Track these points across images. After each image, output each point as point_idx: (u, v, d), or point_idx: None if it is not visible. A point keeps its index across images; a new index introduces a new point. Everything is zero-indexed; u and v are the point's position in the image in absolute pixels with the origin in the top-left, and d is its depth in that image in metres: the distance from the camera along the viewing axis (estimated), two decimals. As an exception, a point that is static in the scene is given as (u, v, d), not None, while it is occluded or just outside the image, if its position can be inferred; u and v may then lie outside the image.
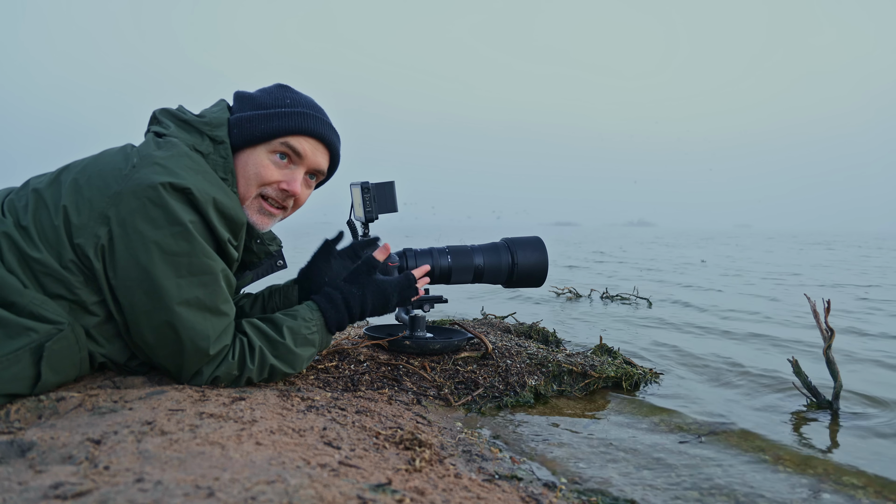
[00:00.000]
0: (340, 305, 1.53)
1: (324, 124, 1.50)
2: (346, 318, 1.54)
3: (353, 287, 1.56)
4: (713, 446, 1.50)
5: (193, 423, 1.03)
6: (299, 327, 1.46)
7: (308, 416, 1.23)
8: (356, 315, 1.56)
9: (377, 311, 1.59)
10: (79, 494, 0.71)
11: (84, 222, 1.23)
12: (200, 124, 1.42)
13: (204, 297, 1.30)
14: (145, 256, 1.24)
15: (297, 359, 1.47)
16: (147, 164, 1.27)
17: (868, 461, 1.41)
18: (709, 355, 2.68)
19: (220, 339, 1.34)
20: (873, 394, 2.02)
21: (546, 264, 1.90)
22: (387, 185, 1.83)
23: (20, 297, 1.21)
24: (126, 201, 1.23)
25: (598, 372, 1.98)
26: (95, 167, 1.30)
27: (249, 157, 1.45)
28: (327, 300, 1.53)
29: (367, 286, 1.57)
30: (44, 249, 1.23)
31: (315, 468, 0.88)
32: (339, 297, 1.54)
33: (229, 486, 0.73)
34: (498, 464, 1.25)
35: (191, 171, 1.30)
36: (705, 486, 1.25)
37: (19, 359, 1.19)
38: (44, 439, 0.94)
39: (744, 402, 1.94)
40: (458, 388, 1.78)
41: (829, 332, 1.84)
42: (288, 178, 1.47)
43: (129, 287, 1.26)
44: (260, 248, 1.56)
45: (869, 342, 3.13)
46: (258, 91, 1.52)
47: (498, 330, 2.70)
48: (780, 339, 3.14)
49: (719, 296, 5.37)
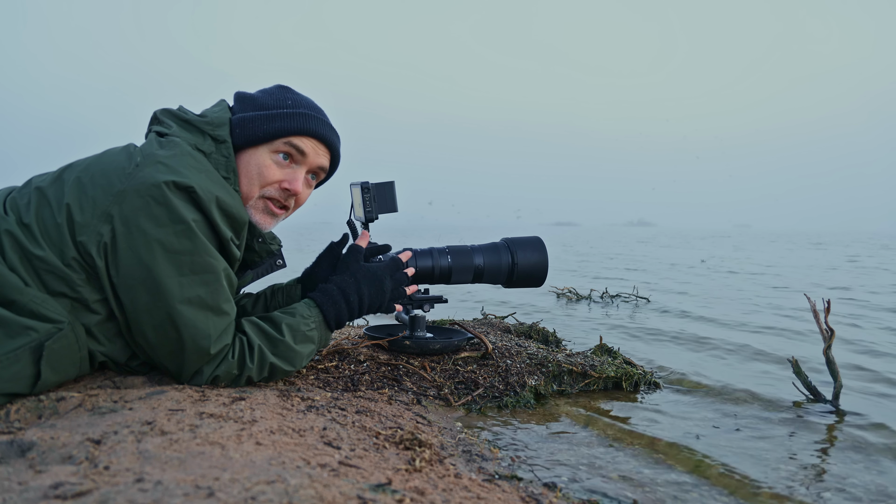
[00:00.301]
0: (337, 297, 1.53)
1: (324, 125, 1.52)
2: (344, 311, 1.54)
3: (345, 276, 1.57)
4: (712, 447, 1.50)
5: (193, 423, 1.04)
6: (298, 324, 1.47)
7: (308, 416, 1.23)
8: (354, 305, 1.56)
9: (374, 299, 1.59)
10: (79, 494, 0.71)
11: (87, 220, 1.24)
12: (202, 124, 1.43)
13: (206, 295, 1.30)
14: (148, 254, 1.24)
15: (296, 356, 1.47)
16: (151, 163, 1.28)
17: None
18: (707, 355, 2.68)
19: (221, 339, 1.34)
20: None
21: (546, 264, 1.90)
22: (387, 185, 1.83)
23: (20, 295, 1.21)
24: (129, 199, 1.24)
25: (598, 372, 1.98)
26: (99, 166, 1.31)
27: (252, 157, 1.46)
28: (324, 295, 1.54)
29: (357, 272, 1.58)
30: (46, 247, 1.24)
31: (315, 468, 0.88)
32: (335, 290, 1.54)
33: (229, 486, 0.73)
34: (498, 464, 1.25)
35: (194, 170, 1.31)
36: (705, 487, 1.25)
37: (19, 358, 1.19)
38: (44, 439, 0.94)
39: (743, 403, 1.94)
40: (458, 388, 1.78)
41: (829, 331, 1.84)
42: (290, 178, 1.49)
43: (131, 285, 1.26)
44: (262, 246, 1.56)
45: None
46: (259, 92, 1.54)
47: (498, 330, 2.70)
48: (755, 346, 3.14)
49: (707, 297, 5.38)
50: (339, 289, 1.55)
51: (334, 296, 1.54)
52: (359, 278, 1.58)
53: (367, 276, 1.59)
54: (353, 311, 1.57)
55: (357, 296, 1.56)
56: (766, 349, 2.84)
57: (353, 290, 1.55)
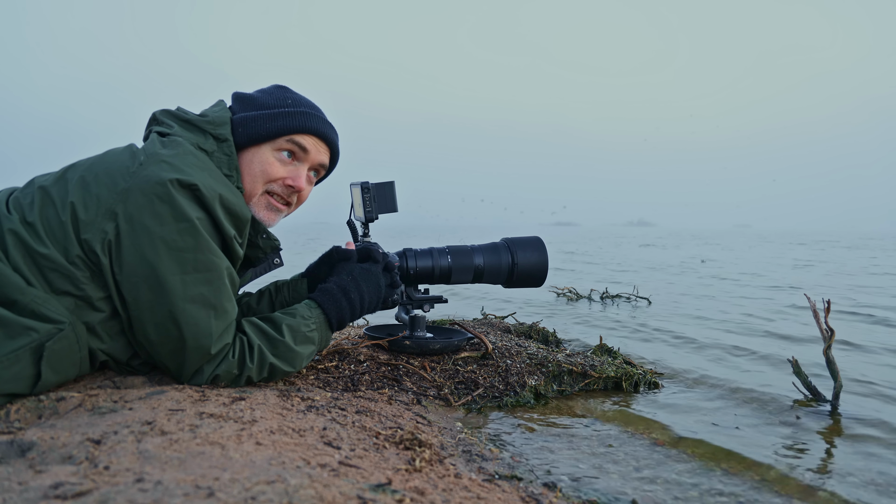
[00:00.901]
0: (339, 297, 1.55)
1: (324, 122, 1.55)
2: (346, 310, 1.55)
3: (343, 276, 1.60)
4: (712, 446, 1.50)
5: (193, 423, 1.04)
6: (298, 325, 1.47)
7: (308, 416, 1.23)
8: (356, 304, 1.57)
9: (373, 296, 1.61)
10: (79, 494, 0.71)
11: (92, 218, 1.25)
12: (203, 123, 1.44)
13: (208, 294, 1.31)
14: (151, 252, 1.25)
15: (296, 357, 1.47)
16: (154, 162, 1.29)
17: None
18: (705, 355, 2.68)
19: (222, 338, 1.34)
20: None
21: (546, 264, 1.90)
22: (387, 185, 1.83)
23: (22, 295, 1.21)
24: (133, 197, 1.25)
25: (598, 372, 1.98)
26: (103, 165, 1.32)
27: (255, 156, 1.49)
28: (324, 295, 1.55)
29: (354, 271, 1.61)
30: (50, 245, 1.24)
31: (315, 468, 0.88)
32: (335, 289, 1.56)
33: (229, 486, 0.73)
34: (498, 464, 1.25)
35: (197, 169, 1.32)
36: (705, 487, 1.25)
37: (19, 358, 1.19)
38: (44, 439, 0.94)
39: (743, 403, 1.94)
40: (458, 388, 1.78)
41: (829, 331, 1.84)
42: (293, 175, 1.52)
43: (135, 282, 1.27)
44: (266, 242, 1.57)
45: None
46: (257, 92, 1.56)
47: (498, 330, 2.70)
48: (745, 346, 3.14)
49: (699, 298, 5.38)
50: (340, 288, 1.56)
51: (335, 295, 1.55)
52: (356, 277, 1.59)
53: (362, 273, 1.61)
54: (355, 310, 1.58)
55: (358, 293, 1.57)
56: (767, 349, 2.84)
57: (353, 289, 1.57)
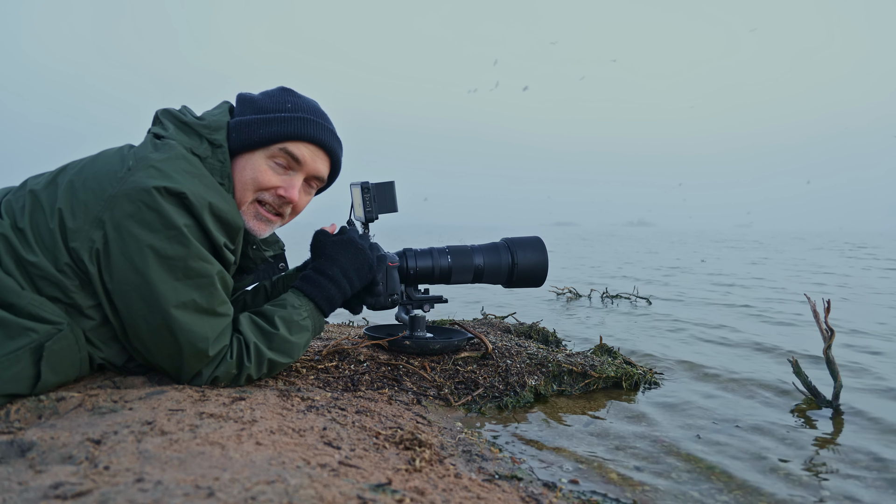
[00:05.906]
0: (318, 279, 1.54)
1: (324, 130, 1.48)
2: (331, 289, 1.54)
3: (320, 258, 1.58)
4: (712, 446, 1.50)
5: (193, 423, 1.04)
6: (291, 315, 1.47)
7: (308, 416, 1.23)
8: (340, 280, 1.55)
9: (358, 264, 1.59)
10: (79, 494, 0.70)
11: (79, 226, 1.23)
12: (200, 127, 1.41)
13: (200, 299, 1.30)
14: (140, 260, 1.23)
15: (293, 347, 1.47)
16: (142, 167, 1.26)
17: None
18: (703, 356, 2.68)
19: (219, 340, 1.34)
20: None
21: (546, 264, 1.90)
22: (387, 185, 1.83)
23: (18, 298, 1.20)
24: (120, 205, 1.22)
25: (598, 372, 1.98)
26: (91, 169, 1.29)
27: (247, 162, 1.44)
28: (305, 282, 1.55)
29: (326, 247, 1.59)
30: (39, 252, 1.23)
31: (315, 468, 0.88)
32: (313, 274, 1.55)
33: (229, 486, 0.73)
34: (498, 464, 1.25)
35: (187, 175, 1.29)
36: (705, 486, 1.25)
37: (19, 359, 1.19)
38: (44, 439, 0.94)
39: (743, 403, 1.94)
40: (458, 388, 1.78)
41: (829, 331, 1.84)
42: (286, 185, 1.46)
43: (125, 291, 1.25)
44: (256, 253, 1.55)
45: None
46: (261, 94, 1.51)
47: (498, 330, 2.70)
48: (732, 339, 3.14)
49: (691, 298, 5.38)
50: (317, 269, 1.56)
51: (315, 279, 1.54)
52: (331, 253, 1.58)
53: (339, 246, 1.59)
54: (343, 286, 1.56)
55: (338, 268, 1.56)
56: (766, 350, 2.84)
57: (329, 265, 1.56)
